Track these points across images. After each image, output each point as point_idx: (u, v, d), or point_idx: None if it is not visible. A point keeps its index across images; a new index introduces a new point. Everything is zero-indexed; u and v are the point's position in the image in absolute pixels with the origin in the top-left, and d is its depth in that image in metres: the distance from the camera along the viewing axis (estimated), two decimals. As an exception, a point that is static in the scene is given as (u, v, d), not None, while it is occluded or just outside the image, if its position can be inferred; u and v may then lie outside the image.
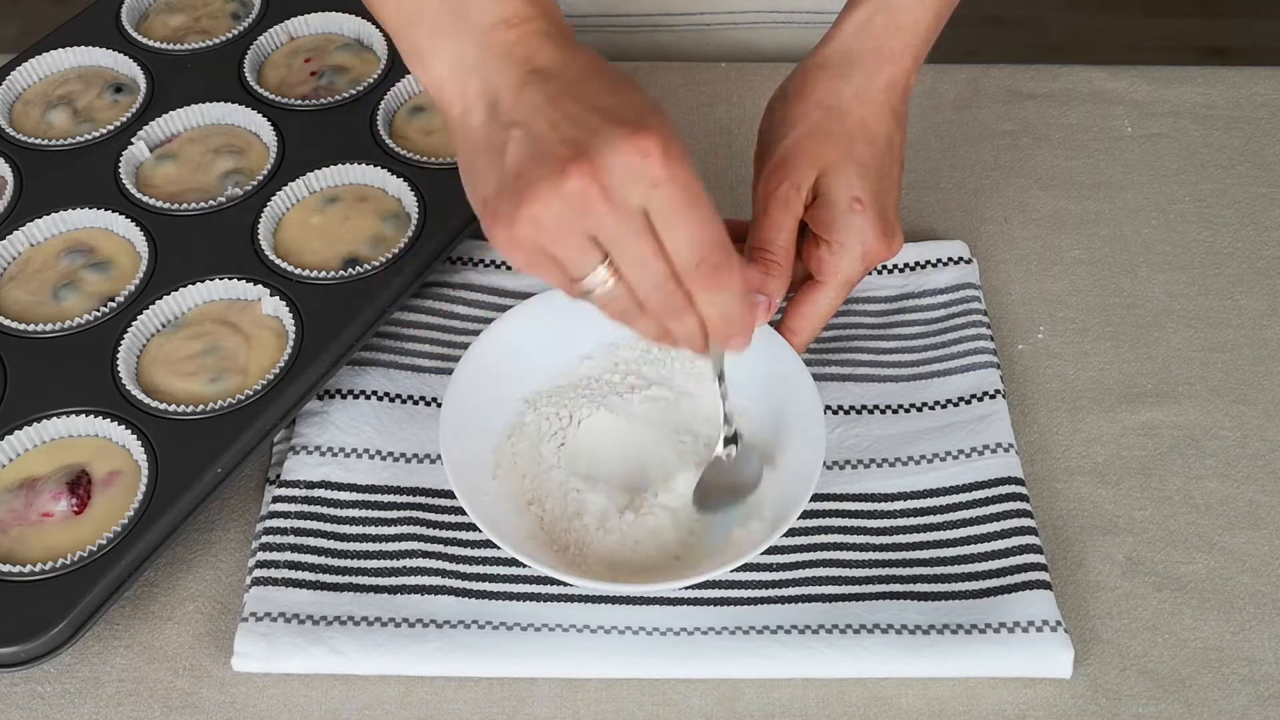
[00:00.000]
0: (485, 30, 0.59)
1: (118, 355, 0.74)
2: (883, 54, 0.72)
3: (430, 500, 0.73)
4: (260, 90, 0.88)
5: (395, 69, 0.89)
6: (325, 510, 0.72)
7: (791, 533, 0.71)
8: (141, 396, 0.72)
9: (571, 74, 0.59)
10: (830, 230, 0.71)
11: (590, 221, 0.57)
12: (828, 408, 0.77)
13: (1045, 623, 0.68)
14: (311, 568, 0.70)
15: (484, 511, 0.68)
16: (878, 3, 0.73)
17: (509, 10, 0.59)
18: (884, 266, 0.83)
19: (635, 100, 0.58)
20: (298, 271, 0.77)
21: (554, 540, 0.70)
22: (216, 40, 0.91)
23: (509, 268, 0.83)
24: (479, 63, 0.59)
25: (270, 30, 0.91)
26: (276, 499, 0.72)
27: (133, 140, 0.84)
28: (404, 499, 0.73)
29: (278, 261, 0.78)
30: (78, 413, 0.71)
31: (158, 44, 0.91)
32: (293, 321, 0.75)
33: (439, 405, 0.73)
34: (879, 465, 0.75)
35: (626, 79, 0.60)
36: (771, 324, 0.73)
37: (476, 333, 0.75)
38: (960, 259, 0.84)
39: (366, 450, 0.75)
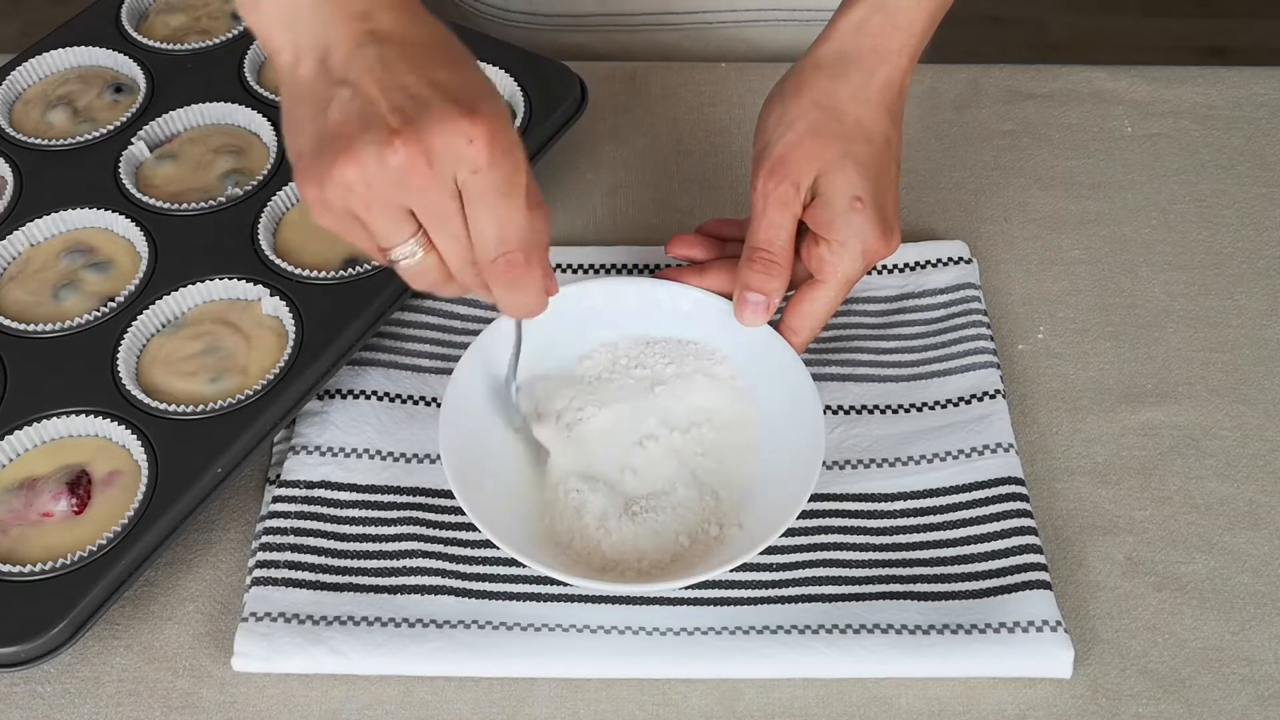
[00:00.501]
0: None
1: (118, 355, 0.74)
2: (879, 54, 0.72)
3: (430, 500, 0.73)
4: (260, 90, 0.88)
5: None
6: (325, 510, 0.72)
7: (791, 533, 0.71)
8: (141, 396, 0.72)
9: (410, 41, 0.58)
10: (830, 230, 0.71)
11: (409, 196, 0.57)
12: (828, 408, 0.77)
13: (1045, 623, 0.68)
14: (311, 568, 0.70)
15: (484, 511, 0.68)
16: (874, 2, 0.73)
17: None
18: (884, 266, 0.83)
19: (472, 80, 0.58)
20: (298, 271, 0.77)
21: (553, 540, 0.70)
22: (216, 40, 0.91)
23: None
24: (313, 15, 0.58)
25: (270, 30, 0.91)
26: (276, 499, 0.72)
27: (133, 140, 0.84)
28: (404, 499, 0.73)
29: (278, 261, 0.78)
30: (78, 413, 0.71)
31: (158, 44, 0.91)
32: (293, 321, 0.75)
33: (439, 405, 0.73)
34: (879, 465, 0.75)
35: (466, 56, 0.60)
36: (771, 324, 0.73)
37: (476, 333, 0.75)
38: (960, 259, 0.84)
39: (366, 450, 0.75)
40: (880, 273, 0.83)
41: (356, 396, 0.76)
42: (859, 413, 0.77)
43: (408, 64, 0.57)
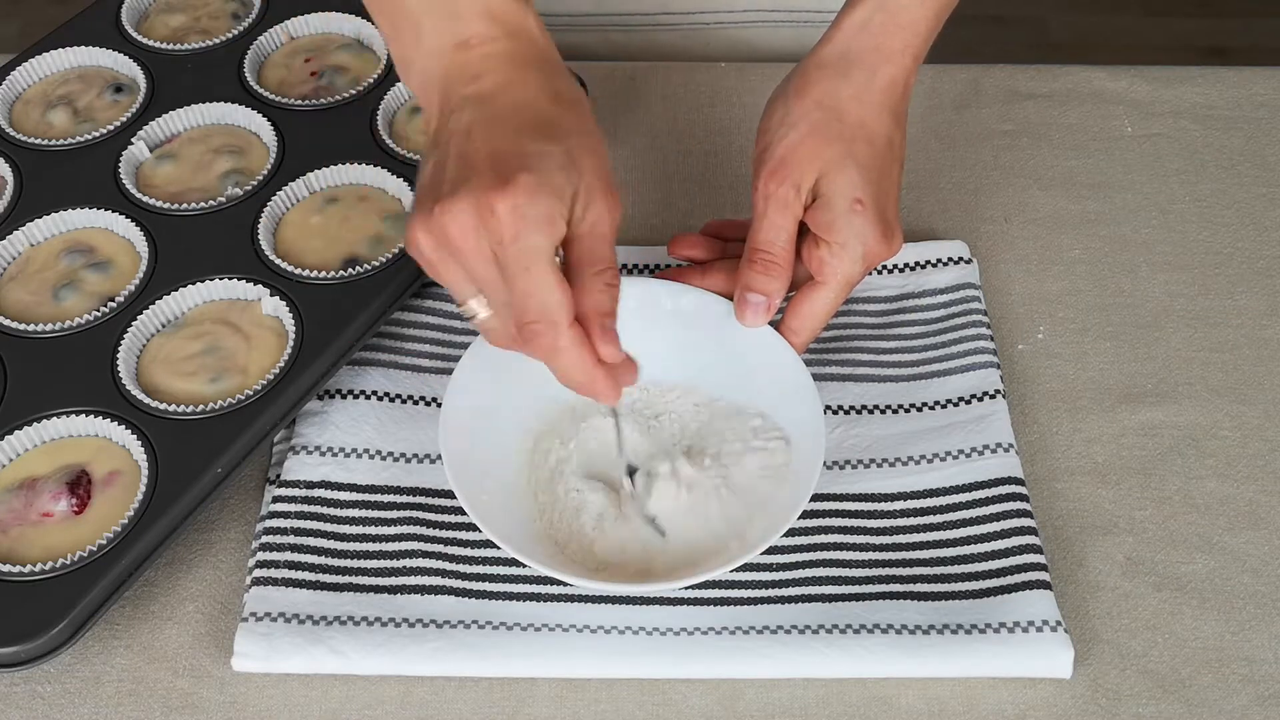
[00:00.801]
0: (447, 50, 0.63)
1: (118, 355, 0.74)
2: (882, 53, 0.72)
3: (430, 500, 0.73)
4: (260, 90, 0.88)
5: (395, 69, 0.89)
6: (325, 510, 0.72)
7: (791, 533, 0.71)
8: (141, 396, 0.72)
9: (503, 102, 0.62)
10: (830, 231, 0.71)
11: (462, 260, 0.61)
12: (828, 408, 0.77)
13: (1045, 623, 0.68)
14: (311, 568, 0.70)
15: (484, 511, 0.68)
16: (877, 2, 0.73)
17: (470, 31, 0.63)
18: (884, 266, 0.83)
19: (530, 147, 0.60)
20: (298, 271, 0.77)
21: (554, 540, 0.70)
22: (216, 40, 0.91)
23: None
24: (441, 78, 0.63)
25: (270, 30, 0.91)
26: (276, 499, 0.72)
27: (133, 140, 0.84)
28: (404, 499, 0.73)
29: (278, 261, 0.78)
30: (78, 413, 0.71)
31: (158, 44, 0.91)
32: (293, 321, 0.75)
33: (439, 405, 0.73)
34: (879, 465, 0.75)
35: (555, 116, 0.63)
36: (771, 324, 0.73)
37: (476, 333, 0.75)
38: (960, 259, 0.84)
39: (366, 450, 0.75)
40: (880, 273, 0.83)
41: (356, 396, 0.76)
42: (859, 413, 0.77)
43: (483, 131, 0.61)
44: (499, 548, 0.67)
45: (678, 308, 0.76)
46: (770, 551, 0.70)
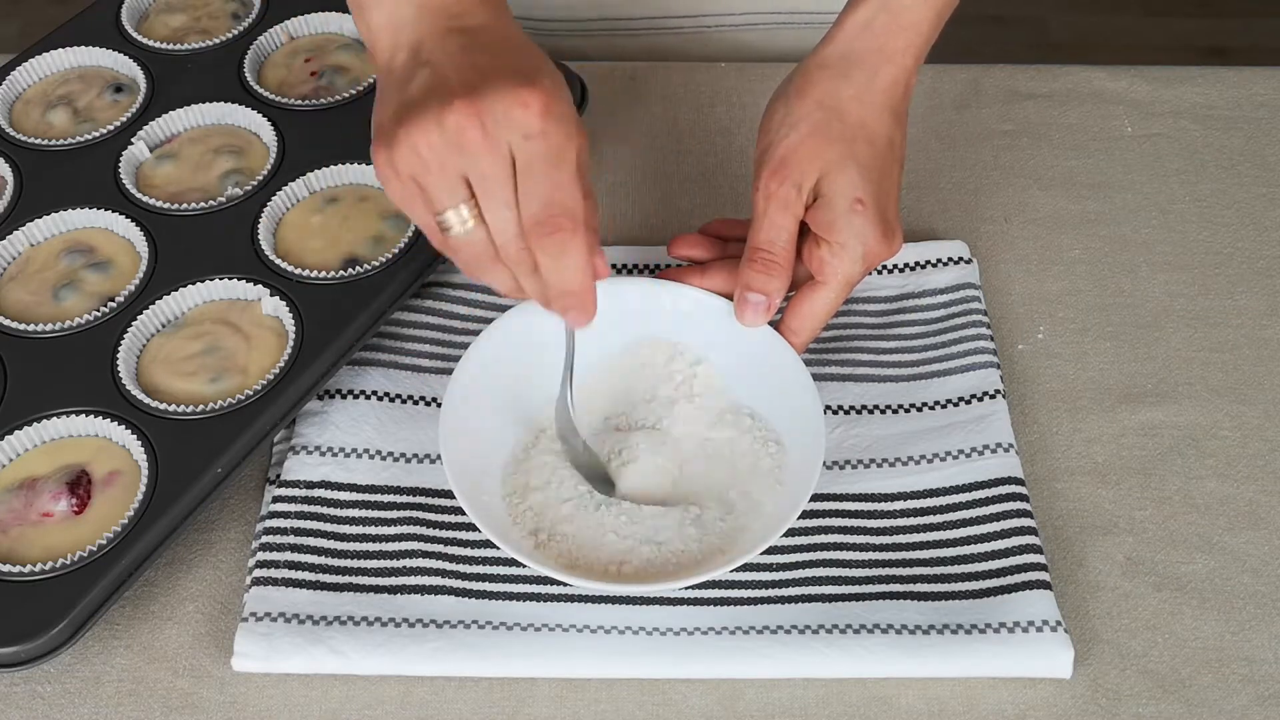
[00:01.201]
0: None
1: (118, 355, 0.74)
2: (884, 54, 0.72)
3: (430, 500, 0.73)
4: (260, 90, 0.88)
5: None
6: (325, 510, 0.72)
7: (791, 533, 0.71)
8: (141, 396, 0.72)
9: (491, 34, 0.63)
10: (831, 231, 0.71)
11: (463, 158, 0.59)
12: (828, 408, 0.77)
13: (1045, 623, 0.68)
14: (311, 568, 0.70)
15: (484, 511, 0.68)
16: (879, 2, 0.73)
17: None
18: (884, 266, 0.83)
19: (540, 62, 0.61)
20: (298, 271, 0.77)
21: (554, 540, 0.70)
22: (216, 40, 0.91)
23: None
24: (414, 17, 0.63)
25: (270, 30, 0.91)
26: (276, 499, 0.72)
27: (133, 140, 0.84)
28: (404, 499, 0.73)
29: (278, 261, 0.78)
30: (78, 413, 0.71)
31: (158, 44, 0.91)
32: (293, 321, 0.75)
33: (439, 405, 0.73)
34: (879, 465, 0.75)
35: (541, 53, 0.63)
36: (771, 324, 0.73)
37: (476, 333, 0.75)
38: (960, 259, 0.84)
39: (366, 450, 0.75)
40: (880, 273, 0.83)
41: (356, 396, 0.76)
42: (859, 413, 0.77)
43: (485, 50, 0.61)
44: (499, 548, 0.67)
45: (677, 308, 0.76)
46: (770, 551, 0.70)
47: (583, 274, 0.63)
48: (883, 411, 0.77)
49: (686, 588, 0.70)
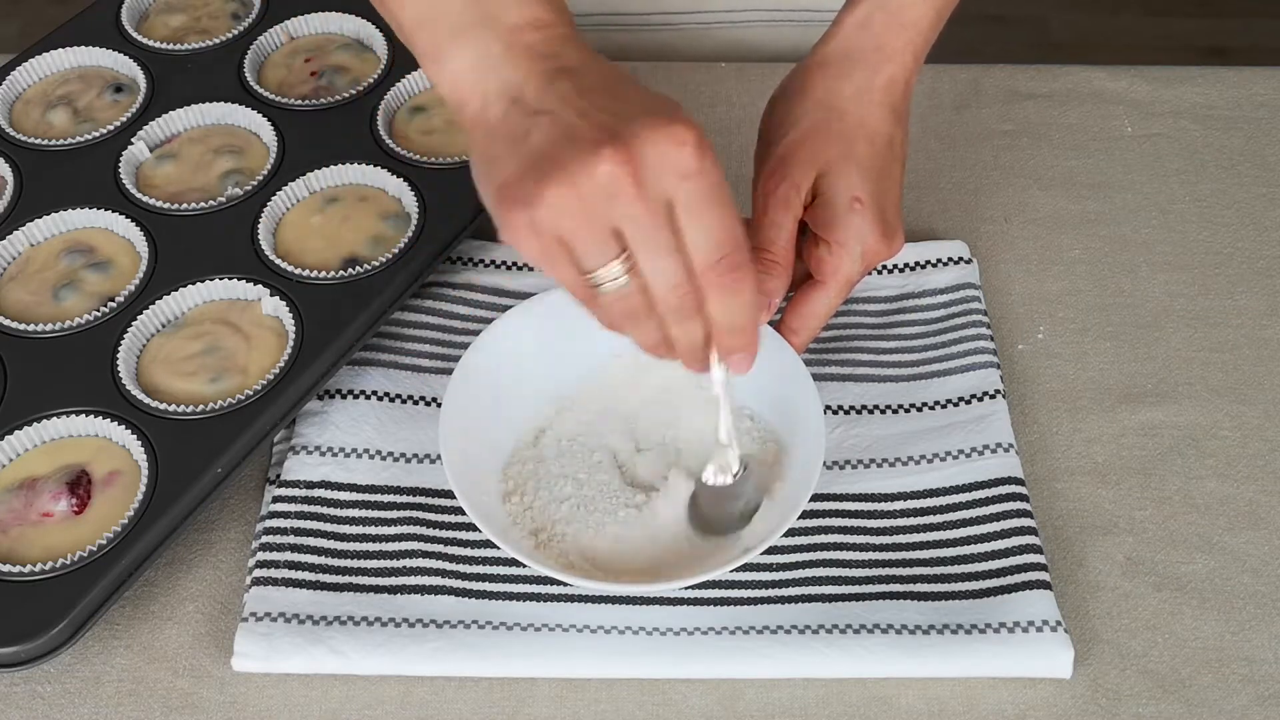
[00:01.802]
0: (512, 30, 0.58)
1: (118, 355, 0.74)
2: (884, 52, 0.72)
3: (430, 500, 0.73)
4: (260, 90, 0.88)
5: (395, 69, 0.89)
6: (325, 510, 0.72)
7: (791, 533, 0.71)
8: (141, 396, 0.72)
9: (596, 73, 0.58)
10: (830, 230, 0.70)
11: (617, 209, 0.55)
12: (828, 408, 0.77)
13: (1045, 623, 0.68)
14: (311, 568, 0.70)
15: (484, 511, 0.68)
16: (878, 0, 0.73)
17: (536, 13, 0.59)
18: (884, 266, 0.83)
19: (662, 99, 0.57)
20: (298, 271, 0.77)
21: (554, 540, 0.70)
22: (216, 40, 0.91)
23: (509, 267, 0.83)
24: (503, 60, 0.58)
25: (270, 30, 0.91)
26: (276, 499, 0.72)
27: (133, 140, 0.84)
28: (404, 499, 0.73)
29: (278, 261, 0.78)
30: (78, 413, 0.71)
31: (158, 44, 0.91)
32: (293, 321, 0.75)
33: (439, 405, 0.73)
34: (879, 465, 0.75)
35: (645, 86, 0.59)
36: (771, 324, 0.73)
37: (476, 333, 0.75)
38: (960, 259, 0.84)
39: (366, 450, 0.75)
40: (880, 273, 0.83)
41: (356, 396, 0.76)
42: (859, 413, 0.77)
43: (601, 90, 0.56)
44: (499, 547, 0.67)
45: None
46: (770, 551, 0.70)
47: (755, 310, 0.59)
48: (883, 411, 0.77)
49: (686, 588, 0.70)
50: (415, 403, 0.77)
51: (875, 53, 0.72)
